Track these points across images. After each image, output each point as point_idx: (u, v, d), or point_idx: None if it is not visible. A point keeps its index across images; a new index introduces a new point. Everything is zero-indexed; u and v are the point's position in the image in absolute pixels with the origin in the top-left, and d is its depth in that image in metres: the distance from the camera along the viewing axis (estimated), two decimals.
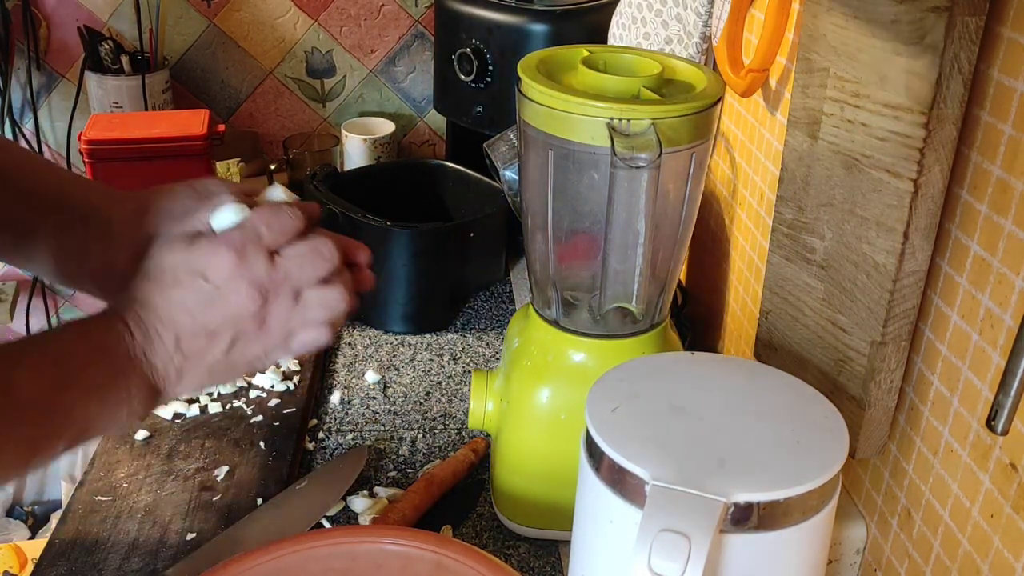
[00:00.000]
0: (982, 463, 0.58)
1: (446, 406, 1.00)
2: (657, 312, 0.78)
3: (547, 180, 0.72)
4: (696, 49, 0.97)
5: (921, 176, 0.58)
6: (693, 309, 1.14)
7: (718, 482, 0.52)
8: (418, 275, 1.10)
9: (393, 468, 0.90)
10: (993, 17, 0.55)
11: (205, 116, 1.12)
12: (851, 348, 0.66)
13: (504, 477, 0.81)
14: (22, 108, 1.55)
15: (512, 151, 1.00)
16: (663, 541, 0.49)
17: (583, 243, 0.75)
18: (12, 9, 1.47)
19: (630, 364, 0.63)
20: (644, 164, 0.65)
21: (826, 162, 0.67)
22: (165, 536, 0.78)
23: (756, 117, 0.92)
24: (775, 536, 0.53)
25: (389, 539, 0.64)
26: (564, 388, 0.76)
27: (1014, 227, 0.54)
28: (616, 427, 0.56)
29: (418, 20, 1.58)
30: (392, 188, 1.27)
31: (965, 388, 0.60)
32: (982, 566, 0.58)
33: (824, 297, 0.69)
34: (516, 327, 0.83)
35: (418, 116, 1.66)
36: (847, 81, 0.64)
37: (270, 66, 1.58)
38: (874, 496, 0.71)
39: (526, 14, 1.20)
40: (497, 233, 1.20)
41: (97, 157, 1.07)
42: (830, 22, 0.66)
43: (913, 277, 0.61)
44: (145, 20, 1.50)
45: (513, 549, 0.82)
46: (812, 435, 0.56)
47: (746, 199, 0.95)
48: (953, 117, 0.56)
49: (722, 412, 0.58)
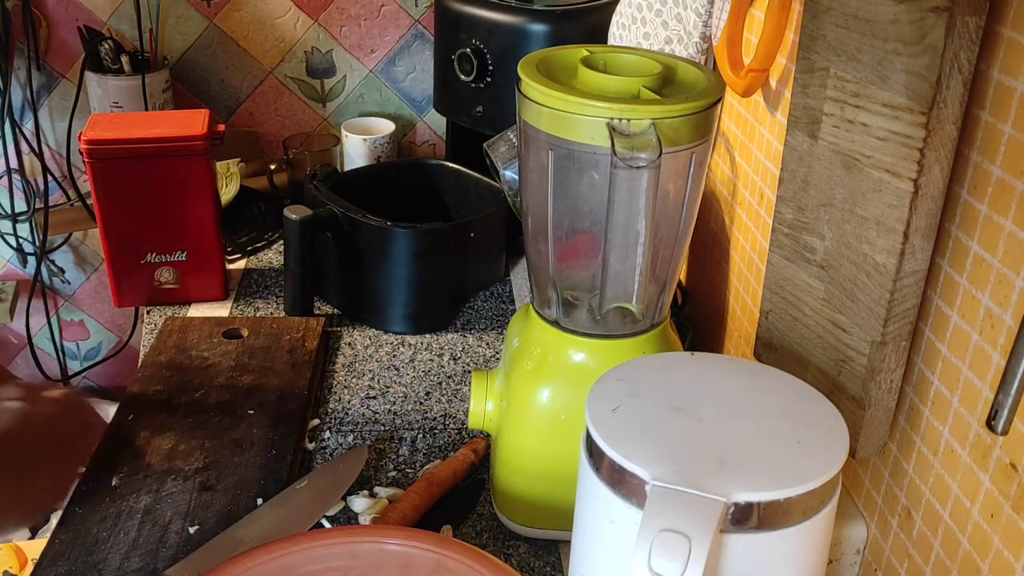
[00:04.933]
0: (982, 463, 0.58)
1: (446, 406, 1.00)
2: (657, 312, 0.78)
3: (547, 180, 0.72)
4: (696, 49, 0.97)
5: (921, 176, 0.58)
6: (693, 309, 1.14)
7: (718, 482, 0.52)
8: (418, 275, 1.10)
9: (393, 468, 0.90)
10: (993, 17, 0.55)
11: (205, 116, 1.12)
12: (851, 348, 0.66)
13: (504, 477, 0.81)
14: (22, 108, 1.55)
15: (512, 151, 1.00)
16: (663, 541, 0.49)
17: (583, 243, 0.75)
18: (12, 9, 1.47)
19: (630, 364, 0.63)
20: (644, 164, 0.65)
21: (826, 162, 0.67)
22: (165, 536, 0.78)
23: (756, 117, 0.92)
24: (775, 536, 0.53)
25: (390, 539, 0.64)
26: (564, 388, 0.76)
27: (1014, 227, 0.54)
28: (616, 427, 0.56)
29: (418, 20, 1.58)
30: (392, 188, 1.27)
31: (965, 388, 0.60)
32: (982, 566, 0.58)
33: (824, 297, 0.69)
34: (516, 327, 0.83)
35: (418, 116, 1.66)
36: (847, 81, 0.64)
37: (270, 66, 1.58)
38: (874, 496, 0.71)
39: (526, 14, 1.20)
40: (497, 233, 1.20)
41: (97, 157, 1.07)
42: (830, 22, 0.66)
43: (913, 277, 0.61)
44: (145, 20, 1.50)
45: (513, 549, 0.82)
46: (812, 435, 0.56)
47: (746, 199, 0.95)
48: (953, 117, 0.56)
49: (722, 412, 0.58)
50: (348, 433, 0.95)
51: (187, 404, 0.94)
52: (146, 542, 0.78)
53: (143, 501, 0.82)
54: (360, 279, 1.12)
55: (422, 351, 1.09)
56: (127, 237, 1.12)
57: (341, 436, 0.95)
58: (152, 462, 0.86)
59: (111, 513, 0.80)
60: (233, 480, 0.84)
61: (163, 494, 0.83)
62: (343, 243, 1.10)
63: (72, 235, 1.68)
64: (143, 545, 0.77)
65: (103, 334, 1.78)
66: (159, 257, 1.13)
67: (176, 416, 0.92)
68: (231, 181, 1.39)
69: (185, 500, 0.82)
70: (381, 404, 1.00)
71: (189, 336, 1.05)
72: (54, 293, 1.72)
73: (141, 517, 0.80)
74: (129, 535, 0.78)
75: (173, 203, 1.10)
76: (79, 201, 1.59)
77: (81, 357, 1.80)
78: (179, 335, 1.05)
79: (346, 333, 1.12)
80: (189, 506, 0.81)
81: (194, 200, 1.11)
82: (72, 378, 1.79)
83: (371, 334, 1.12)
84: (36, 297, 1.70)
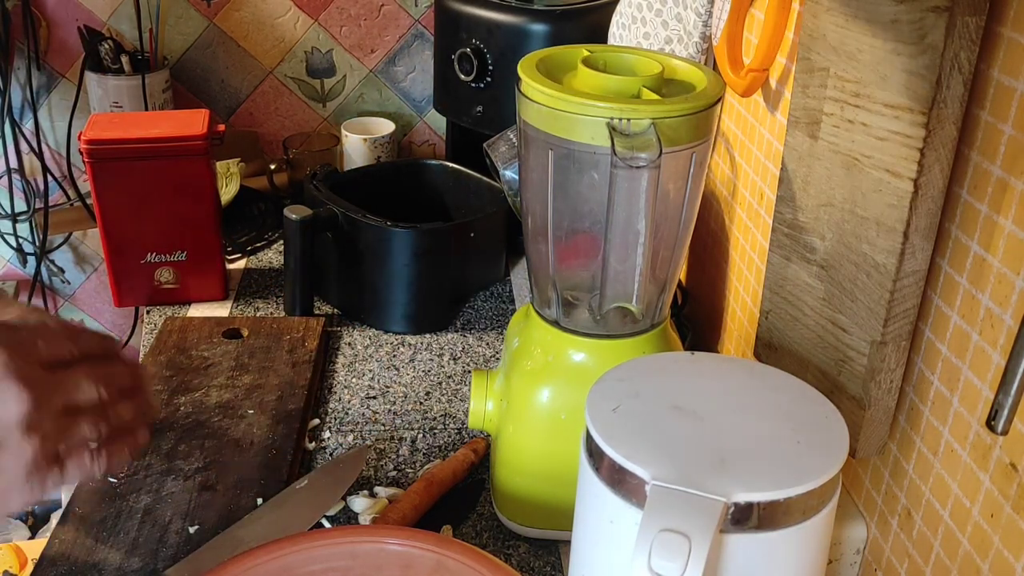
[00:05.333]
0: (982, 463, 0.58)
1: (446, 406, 1.00)
2: (657, 312, 0.78)
3: (547, 180, 0.72)
4: (696, 49, 0.97)
5: (921, 176, 0.58)
6: (693, 309, 1.14)
7: (718, 482, 0.52)
8: (418, 275, 1.10)
9: (393, 468, 0.90)
10: (993, 17, 0.55)
11: (205, 116, 1.12)
12: (851, 348, 0.66)
13: (504, 477, 0.81)
14: (22, 108, 1.55)
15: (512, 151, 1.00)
16: (663, 541, 0.49)
17: (583, 243, 0.75)
18: (12, 9, 1.47)
19: (630, 364, 0.63)
20: (644, 164, 0.65)
21: (826, 162, 0.67)
22: (165, 536, 0.78)
23: (756, 117, 0.92)
24: (775, 536, 0.53)
25: (390, 539, 0.64)
26: (564, 388, 0.76)
27: (1014, 227, 0.54)
28: (616, 427, 0.56)
29: (418, 20, 1.58)
30: (392, 188, 1.27)
31: (965, 388, 0.60)
32: (982, 566, 0.58)
33: (824, 297, 0.69)
34: (516, 327, 0.83)
35: (418, 116, 1.66)
36: (847, 81, 0.64)
37: (270, 66, 1.58)
38: (874, 496, 0.71)
39: (526, 14, 1.20)
40: (497, 233, 1.20)
41: (97, 157, 1.07)
42: (830, 22, 0.66)
43: (913, 277, 0.61)
44: (145, 20, 1.50)
45: (513, 549, 0.82)
46: (812, 435, 0.56)
47: (746, 199, 0.95)
48: (953, 117, 0.56)
49: (722, 412, 0.58)
50: (348, 433, 0.95)
51: (187, 404, 0.94)
52: (146, 542, 0.78)
53: (143, 501, 0.82)
54: (360, 279, 1.12)
55: (422, 351, 1.09)
56: (127, 237, 1.12)
57: (341, 436, 0.95)
58: (152, 462, 0.86)
59: (111, 513, 0.80)
60: (233, 480, 0.84)
61: (163, 494, 0.83)
62: (343, 243, 1.10)
63: (72, 235, 1.68)
64: (143, 545, 0.77)
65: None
66: (159, 257, 1.13)
67: (176, 416, 0.92)
68: (231, 181, 1.39)
69: (185, 500, 0.82)
70: (381, 404, 1.00)
71: (189, 336, 1.05)
72: (54, 293, 1.72)
73: (141, 517, 0.80)
74: (129, 535, 0.78)
75: (173, 203, 1.10)
76: (79, 201, 1.59)
77: None
78: (179, 335, 1.05)
79: (346, 333, 1.12)
80: (189, 506, 0.81)
81: (194, 200, 1.11)
82: None
83: (371, 334, 1.12)
84: (36, 297, 1.70)
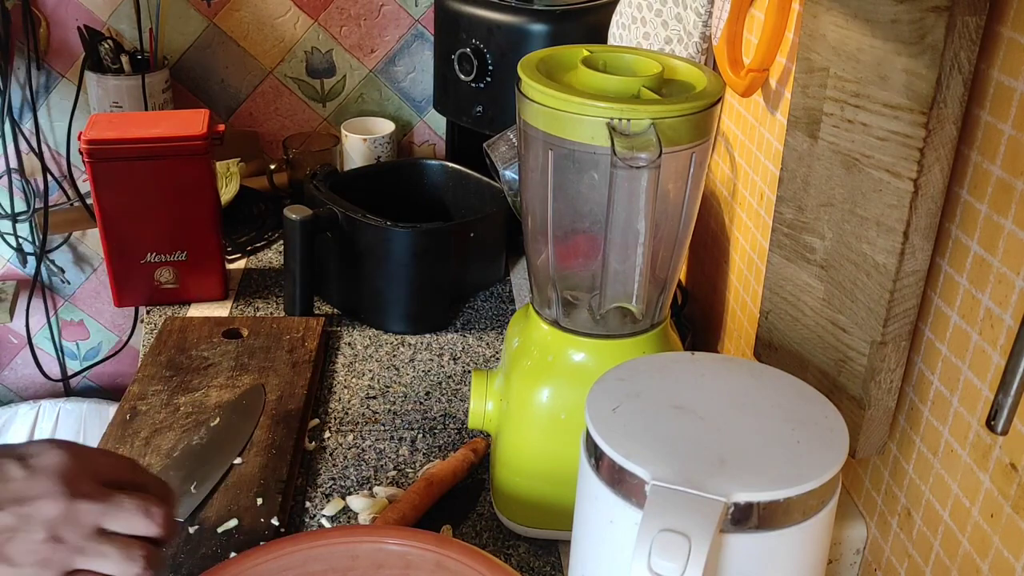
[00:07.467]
0: (982, 463, 0.58)
1: (446, 406, 1.00)
2: (657, 312, 0.78)
3: (547, 180, 0.72)
4: (696, 49, 0.97)
5: (921, 176, 0.58)
6: (693, 309, 1.14)
7: (718, 482, 0.52)
8: (418, 275, 1.10)
9: (393, 468, 0.90)
10: (993, 17, 0.55)
11: (205, 116, 1.12)
12: (851, 348, 0.66)
13: (504, 477, 0.81)
14: (22, 108, 1.55)
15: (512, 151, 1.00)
16: (663, 541, 0.49)
17: (583, 243, 0.75)
18: (12, 9, 1.47)
19: (630, 364, 0.63)
20: (644, 164, 0.65)
21: (826, 162, 0.67)
22: None
23: (756, 117, 0.92)
24: (775, 536, 0.53)
25: (390, 539, 0.64)
26: (564, 388, 0.76)
27: (1014, 227, 0.54)
28: (616, 427, 0.56)
29: (418, 20, 1.58)
30: (392, 188, 1.27)
31: (965, 388, 0.60)
32: (982, 566, 0.58)
33: (824, 297, 0.69)
34: (516, 327, 0.83)
35: (418, 116, 1.66)
36: (847, 81, 0.64)
37: (270, 66, 1.58)
38: (874, 496, 0.71)
39: (526, 14, 1.20)
40: (497, 233, 1.20)
41: (97, 157, 1.07)
42: (830, 22, 0.66)
43: (913, 277, 0.61)
44: (145, 20, 1.50)
45: (513, 549, 0.82)
46: (812, 435, 0.56)
47: (746, 199, 0.95)
48: (953, 117, 0.56)
49: (722, 412, 0.58)
50: (348, 433, 0.95)
51: (187, 404, 0.94)
52: None
53: None
54: (360, 279, 1.12)
55: (422, 351, 1.09)
56: (127, 237, 1.12)
57: (341, 436, 0.95)
58: (152, 462, 0.86)
59: None
60: (233, 480, 0.84)
61: None
62: (343, 243, 1.10)
63: (72, 235, 1.68)
64: None
65: (103, 334, 1.78)
66: (159, 257, 1.13)
67: (176, 416, 0.92)
68: (231, 181, 1.39)
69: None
70: (381, 404, 1.00)
71: (189, 336, 1.05)
72: (54, 293, 1.72)
73: None
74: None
75: (173, 203, 1.10)
76: (79, 201, 1.59)
77: (81, 357, 1.80)
78: (179, 335, 1.05)
79: (346, 333, 1.12)
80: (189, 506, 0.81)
81: (194, 200, 1.11)
82: (72, 378, 1.79)
83: (371, 334, 1.12)
84: (36, 297, 1.69)
